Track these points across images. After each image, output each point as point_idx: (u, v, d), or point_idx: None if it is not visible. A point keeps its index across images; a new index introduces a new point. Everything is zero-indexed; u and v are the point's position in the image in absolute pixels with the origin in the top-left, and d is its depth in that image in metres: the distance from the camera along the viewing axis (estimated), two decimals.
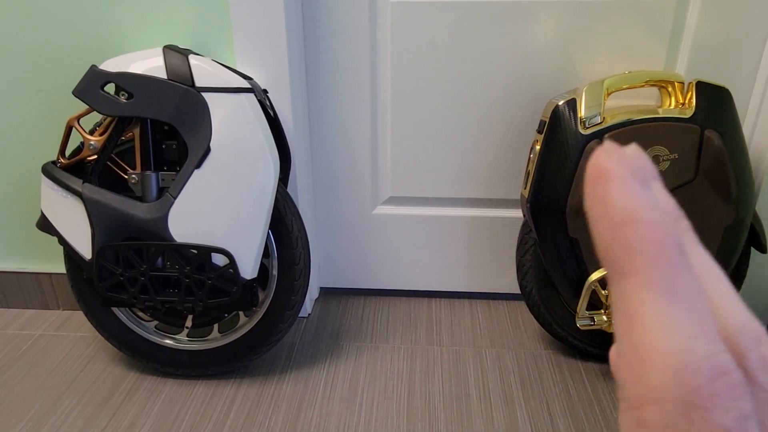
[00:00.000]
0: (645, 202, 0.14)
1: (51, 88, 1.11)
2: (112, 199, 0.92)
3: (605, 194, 0.14)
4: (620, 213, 0.14)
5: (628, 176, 0.14)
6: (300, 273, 1.01)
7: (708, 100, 0.92)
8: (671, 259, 0.13)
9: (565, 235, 0.96)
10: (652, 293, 0.13)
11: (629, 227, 0.14)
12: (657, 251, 0.13)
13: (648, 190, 0.14)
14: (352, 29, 1.11)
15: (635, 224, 0.14)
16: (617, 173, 0.14)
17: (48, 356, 1.15)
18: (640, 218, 0.14)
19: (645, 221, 0.14)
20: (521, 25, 1.08)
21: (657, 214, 0.14)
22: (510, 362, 1.12)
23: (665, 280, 0.13)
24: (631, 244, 0.14)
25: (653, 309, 0.13)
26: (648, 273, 0.13)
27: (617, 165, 0.14)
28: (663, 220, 0.14)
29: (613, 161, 0.14)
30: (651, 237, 0.13)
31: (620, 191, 0.14)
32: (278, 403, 1.02)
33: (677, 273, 0.13)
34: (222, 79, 0.89)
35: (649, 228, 0.13)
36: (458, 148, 1.19)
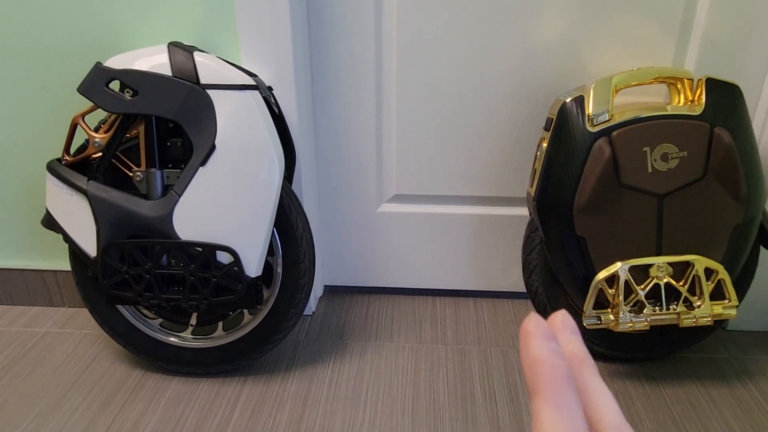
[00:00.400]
0: (546, 351, 0.22)
1: (55, 86, 1.11)
2: (117, 197, 0.92)
3: (526, 345, 0.22)
4: (532, 356, 0.22)
5: (539, 335, 0.22)
6: (305, 271, 1.01)
7: (717, 97, 0.90)
8: (560, 385, 0.21)
9: (572, 234, 0.95)
10: (547, 405, 0.20)
11: (536, 365, 0.21)
12: (551, 380, 0.21)
13: (551, 343, 0.22)
14: (357, 26, 1.10)
15: (539, 363, 0.21)
16: (533, 333, 0.22)
17: (53, 353, 1.15)
18: (541, 360, 0.21)
19: (544, 361, 0.21)
20: (528, 22, 1.07)
21: (553, 357, 0.21)
22: (515, 361, 1.11)
23: (555, 398, 0.20)
24: (538, 376, 0.21)
25: (546, 415, 0.20)
26: (545, 393, 0.21)
27: (534, 328, 0.22)
28: (557, 361, 0.21)
29: (531, 325, 0.22)
30: (548, 371, 0.21)
31: (532, 344, 0.22)
32: (283, 401, 1.01)
33: (563, 394, 0.20)
34: (227, 77, 0.89)
35: (546, 366, 0.21)
36: (464, 145, 1.18)
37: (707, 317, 0.96)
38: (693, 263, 0.95)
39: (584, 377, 0.23)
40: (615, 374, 1.07)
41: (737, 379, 1.06)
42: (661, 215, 0.93)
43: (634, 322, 0.96)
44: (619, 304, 0.96)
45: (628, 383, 1.05)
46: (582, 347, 0.24)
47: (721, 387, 1.04)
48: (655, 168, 0.91)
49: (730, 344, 1.15)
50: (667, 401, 1.01)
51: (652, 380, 1.06)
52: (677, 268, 0.96)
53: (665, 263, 0.95)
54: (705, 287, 0.95)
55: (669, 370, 1.08)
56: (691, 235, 0.94)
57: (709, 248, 0.95)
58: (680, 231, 0.94)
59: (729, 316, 0.96)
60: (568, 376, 0.21)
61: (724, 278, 0.95)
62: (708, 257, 0.95)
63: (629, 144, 0.90)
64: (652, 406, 1.00)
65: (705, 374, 1.07)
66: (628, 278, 0.95)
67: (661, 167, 0.91)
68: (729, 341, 1.16)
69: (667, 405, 1.00)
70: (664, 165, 0.91)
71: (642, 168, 0.91)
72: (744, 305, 1.17)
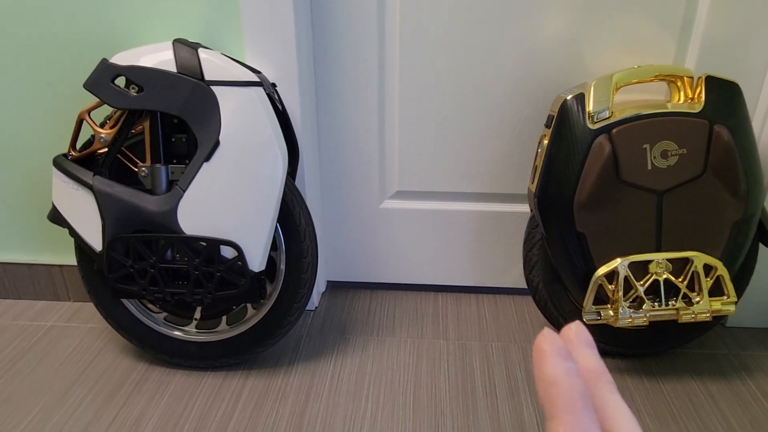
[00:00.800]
0: (562, 371, 0.21)
1: (62, 82, 1.12)
2: (122, 192, 0.93)
3: (540, 365, 0.21)
4: (547, 377, 0.21)
5: (554, 353, 0.21)
6: (308, 266, 1.02)
7: (717, 95, 0.91)
8: (578, 408, 0.20)
9: (573, 230, 0.96)
10: (564, 429, 0.20)
11: (552, 387, 0.21)
12: (568, 403, 0.20)
13: (567, 362, 0.21)
14: (361, 23, 1.11)
15: (555, 385, 0.20)
16: (547, 352, 0.21)
17: (58, 347, 1.16)
18: (558, 381, 0.20)
19: (561, 383, 0.20)
20: (530, 20, 1.08)
21: (569, 378, 0.21)
22: (516, 356, 1.12)
23: (573, 421, 0.20)
24: (553, 398, 0.20)
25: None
26: (563, 417, 0.20)
27: (548, 346, 0.21)
28: (574, 382, 0.20)
29: (546, 343, 0.21)
30: (564, 393, 0.20)
31: (548, 364, 0.21)
32: (285, 395, 1.02)
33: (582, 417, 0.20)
34: (231, 73, 0.90)
35: (563, 387, 0.20)
36: (466, 142, 1.19)
37: (706, 313, 0.96)
38: (692, 259, 0.95)
39: (601, 394, 0.22)
40: (614, 369, 1.08)
41: (736, 375, 1.07)
42: (661, 212, 0.94)
43: (633, 317, 0.97)
44: (619, 300, 0.97)
45: (627, 378, 1.06)
46: (598, 361, 0.23)
47: (719, 383, 1.05)
48: (655, 165, 0.92)
49: (729, 340, 1.16)
50: (666, 397, 1.02)
51: (651, 376, 1.07)
52: (676, 265, 0.97)
53: (664, 259, 0.96)
54: (704, 283, 0.96)
55: (668, 366, 1.09)
56: (690, 232, 0.95)
57: (709, 245, 0.96)
58: (679, 227, 0.95)
59: (728, 312, 0.97)
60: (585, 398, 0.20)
61: (723, 274, 0.96)
62: (707, 254, 0.96)
63: (629, 141, 0.91)
64: (651, 402, 1.01)
65: (704, 370, 1.08)
66: (627, 274, 0.96)
67: (661, 164, 0.92)
68: (728, 337, 1.17)
69: (666, 400, 1.01)
70: (663, 162, 0.92)
71: (642, 165, 0.92)
72: (743, 302, 1.18)
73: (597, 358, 0.23)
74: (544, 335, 0.22)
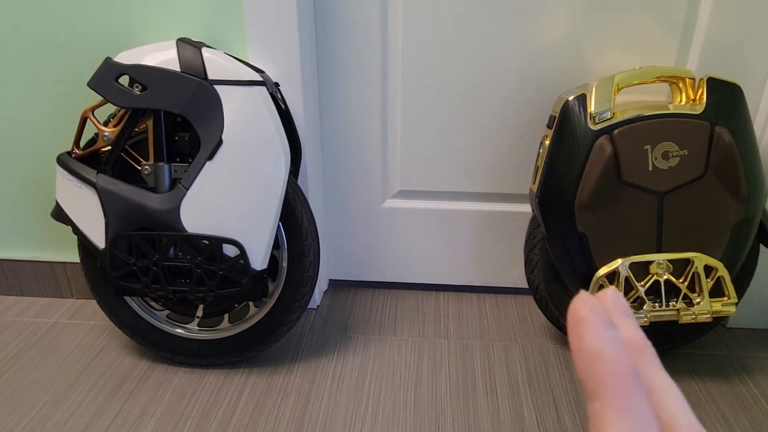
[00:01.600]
0: (607, 341, 0.18)
1: (66, 80, 1.13)
2: (125, 190, 0.93)
3: (579, 335, 0.18)
4: (589, 350, 0.18)
5: (596, 321, 0.18)
6: (309, 265, 1.02)
7: (719, 96, 0.91)
8: (627, 386, 0.17)
9: (574, 230, 0.97)
10: (613, 412, 0.17)
11: (596, 362, 0.17)
12: (616, 380, 0.17)
13: (612, 331, 0.18)
14: (364, 22, 1.11)
15: (599, 360, 0.17)
16: (588, 319, 0.18)
17: (61, 344, 1.17)
18: (602, 355, 0.17)
19: (606, 357, 0.17)
20: (532, 20, 1.08)
21: (616, 351, 0.17)
22: (517, 356, 1.12)
23: (622, 402, 0.17)
24: (598, 375, 0.17)
25: (613, 424, 0.16)
26: (610, 397, 0.17)
27: (588, 313, 0.18)
28: (621, 355, 0.17)
29: (585, 310, 0.18)
30: (611, 369, 0.17)
31: (589, 334, 0.18)
32: (287, 393, 1.03)
33: (631, 396, 0.17)
34: (234, 72, 0.90)
35: (609, 362, 0.17)
36: (468, 142, 1.19)
37: (706, 314, 0.97)
38: (693, 260, 0.96)
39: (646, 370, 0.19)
40: None
41: (736, 376, 1.07)
42: (662, 213, 0.94)
43: None
44: None
45: None
46: (639, 332, 0.20)
47: (720, 383, 1.05)
48: (656, 166, 0.92)
49: (729, 341, 1.16)
50: None
51: None
52: (677, 265, 0.97)
53: (665, 260, 0.96)
54: (704, 284, 0.96)
55: (668, 366, 1.09)
56: (691, 233, 0.95)
57: (709, 246, 0.96)
58: (680, 228, 0.95)
59: (728, 313, 0.97)
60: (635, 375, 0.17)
61: (724, 275, 0.96)
62: (708, 255, 0.96)
63: (630, 142, 0.91)
64: None
65: (704, 370, 1.08)
66: (628, 275, 0.97)
67: (662, 165, 0.92)
68: (728, 338, 1.17)
69: None
70: (664, 163, 0.92)
71: (643, 166, 0.92)
72: (743, 303, 1.18)
73: (637, 328, 0.20)
74: (583, 300, 0.19)
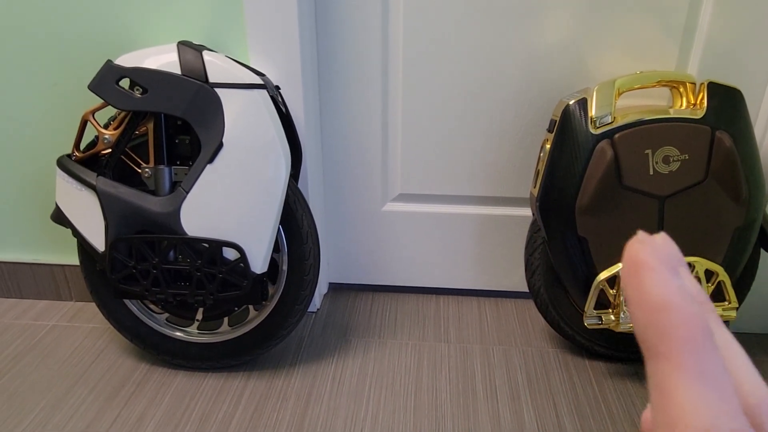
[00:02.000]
0: (676, 290, 0.15)
1: (66, 83, 1.13)
2: (125, 193, 0.93)
3: (640, 283, 0.15)
4: (654, 301, 0.15)
5: (661, 266, 0.15)
6: (310, 268, 1.02)
7: (719, 101, 0.91)
8: (700, 344, 0.14)
9: (574, 234, 0.96)
10: (684, 375, 0.14)
11: (662, 314, 0.15)
12: (688, 336, 0.14)
13: (678, 278, 0.15)
14: (365, 27, 1.12)
15: (667, 311, 0.15)
16: (651, 264, 0.15)
17: (60, 347, 1.16)
18: (671, 306, 0.15)
19: (676, 309, 0.15)
20: (533, 24, 1.08)
21: (687, 302, 0.15)
22: (517, 360, 1.12)
23: (695, 363, 0.14)
24: (664, 330, 0.15)
25: (685, 389, 0.14)
26: (680, 356, 0.14)
27: (650, 256, 0.16)
28: (692, 307, 0.15)
29: (646, 252, 0.16)
30: (682, 323, 0.15)
31: (653, 280, 0.15)
32: (286, 396, 1.03)
33: (706, 356, 0.14)
34: (235, 75, 0.90)
35: (680, 315, 0.15)
36: (468, 145, 1.19)
37: None
38: (693, 265, 0.96)
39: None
40: (616, 374, 1.08)
41: None
42: (662, 217, 0.94)
43: None
44: (620, 305, 0.97)
45: (628, 383, 1.06)
46: (696, 284, 0.17)
47: None
48: (657, 170, 0.92)
49: None
50: None
51: None
52: None
53: None
54: (705, 289, 0.96)
55: None
56: (691, 237, 0.95)
57: (710, 250, 0.96)
58: (681, 233, 0.95)
59: (729, 317, 0.97)
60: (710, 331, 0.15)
61: (724, 280, 0.96)
62: (708, 259, 0.96)
63: (631, 146, 0.91)
64: None
65: None
66: None
67: (663, 170, 0.92)
68: None
69: None
70: (665, 167, 0.92)
71: (644, 170, 0.92)
72: (744, 307, 1.18)
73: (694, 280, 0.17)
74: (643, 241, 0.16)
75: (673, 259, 0.16)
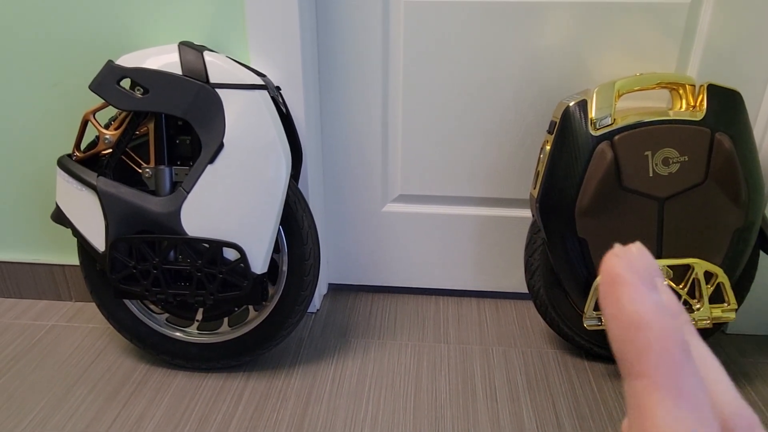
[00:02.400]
0: (652, 307, 0.15)
1: (67, 83, 1.13)
2: (126, 193, 0.93)
3: (617, 299, 0.15)
4: (629, 317, 0.15)
5: (637, 281, 0.15)
6: (310, 269, 1.02)
7: (719, 103, 0.92)
8: (677, 360, 0.14)
9: (574, 236, 0.97)
10: (661, 393, 0.14)
11: (638, 331, 0.15)
12: (664, 354, 0.14)
13: (655, 292, 0.15)
14: (365, 28, 1.12)
15: (643, 329, 0.15)
16: (626, 278, 0.15)
17: (60, 347, 1.16)
18: (647, 323, 0.15)
19: (652, 326, 0.14)
20: (533, 26, 1.08)
21: (663, 318, 0.15)
22: (516, 360, 1.12)
23: (672, 380, 0.14)
24: (641, 347, 0.14)
25: (662, 408, 0.14)
26: (657, 374, 0.14)
27: (626, 270, 0.15)
28: (668, 322, 0.14)
29: (623, 267, 0.15)
30: (658, 340, 0.14)
31: (629, 296, 0.15)
32: (286, 397, 1.03)
33: (682, 373, 0.14)
34: (236, 76, 0.90)
35: (655, 333, 0.14)
36: (469, 147, 1.20)
37: (706, 320, 0.97)
38: (693, 266, 0.96)
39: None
40: (615, 375, 1.08)
41: (736, 382, 1.07)
42: (662, 218, 0.94)
43: None
44: None
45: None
46: (672, 296, 0.17)
47: None
48: (657, 172, 0.92)
49: (729, 347, 1.16)
50: None
51: None
52: (677, 271, 0.97)
53: (665, 266, 0.96)
54: (704, 290, 0.96)
55: None
56: (691, 239, 0.95)
57: (709, 252, 0.96)
58: (680, 234, 0.95)
59: (728, 319, 0.98)
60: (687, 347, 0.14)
61: (724, 282, 0.96)
62: (708, 261, 0.96)
63: (631, 148, 0.92)
64: None
65: None
66: None
67: (662, 171, 0.92)
68: (728, 344, 1.17)
69: None
70: (665, 169, 0.92)
71: (643, 172, 0.92)
72: (743, 309, 1.18)
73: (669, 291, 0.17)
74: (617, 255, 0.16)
75: (650, 271, 0.16)
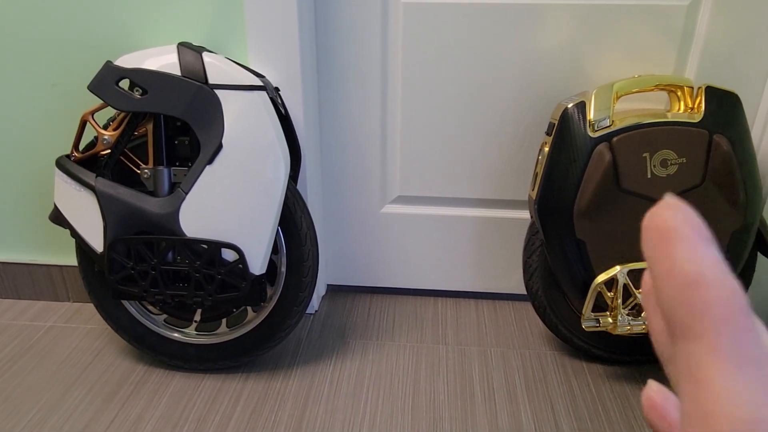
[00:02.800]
0: (712, 264, 0.13)
1: (66, 83, 1.13)
2: (124, 193, 0.93)
3: (670, 254, 0.13)
4: (687, 275, 0.13)
5: (695, 236, 0.13)
6: (308, 270, 1.02)
7: (717, 105, 0.92)
8: (740, 323, 0.13)
9: (572, 237, 0.97)
10: (721, 358, 0.13)
11: (697, 290, 0.13)
12: (725, 315, 0.13)
13: (714, 250, 0.13)
14: (364, 29, 1.12)
15: (703, 287, 0.13)
16: (683, 232, 0.13)
17: (58, 348, 1.16)
18: (708, 281, 0.13)
19: (713, 284, 0.13)
20: (532, 27, 1.08)
21: (725, 276, 0.13)
22: (515, 362, 1.12)
23: (734, 345, 0.13)
24: (698, 307, 0.13)
25: (722, 375, 0.12)
26: (716, 337, 0.13)
27: (683, 223, 0.13)
28: (731, 281, 0.13)
29: (677, 219, 0.14)
30: (719, 300, 0.13)
31: (686, 251, 0.13)
32: (284, 398, 1.03)
33: (746, 337, 0.13)
34: (235, 77, 0.90)
35: (717, 291, 0.13)
36: (467, 148, 1.20)
37: None
38: None
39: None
40: (613, 376, 1.08)
41: None
42: None
43: (632, 325, 0.97)
44: (618, 308, 0.97)
45: (625, 385, 1.06)
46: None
47: None
48: (655, 174, 0.93)
49: None
50: None
51: None
52: None
53: None
54: None
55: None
56: None
57: None
58: None
59: None
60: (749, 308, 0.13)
61: None
62: None
63: (629, 150, 0.92)
64: None
65: None
66: (626, 282, 0.97)
67: (661, 173, 0.92)
68: None
69: None
70: (663, 171, 0.92)
71: (641, 173, 0.93)
72: None
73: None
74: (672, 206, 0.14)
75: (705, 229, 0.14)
